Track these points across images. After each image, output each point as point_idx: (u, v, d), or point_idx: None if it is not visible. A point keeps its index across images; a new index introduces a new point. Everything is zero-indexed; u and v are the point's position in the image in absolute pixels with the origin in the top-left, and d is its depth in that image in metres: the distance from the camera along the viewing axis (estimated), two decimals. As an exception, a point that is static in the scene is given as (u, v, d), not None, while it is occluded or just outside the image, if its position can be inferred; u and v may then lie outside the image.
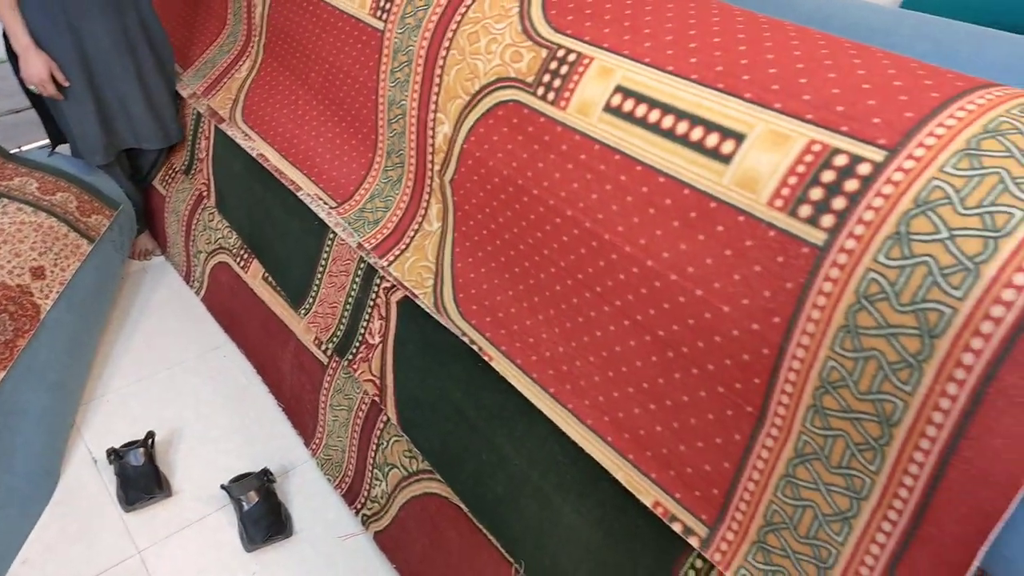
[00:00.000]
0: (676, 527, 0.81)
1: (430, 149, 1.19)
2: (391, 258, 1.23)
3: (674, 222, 0.80)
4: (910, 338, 0.60)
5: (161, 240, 2.11)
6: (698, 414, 0.80)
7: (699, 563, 0.82)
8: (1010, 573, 0.59)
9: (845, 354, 0.65)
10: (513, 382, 0.99)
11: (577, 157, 0.91)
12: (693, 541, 0.79)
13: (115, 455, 1.41)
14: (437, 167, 1.17)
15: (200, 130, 1.87)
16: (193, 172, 1.91)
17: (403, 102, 1.23)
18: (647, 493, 0.84)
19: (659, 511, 0.83)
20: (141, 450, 1.40)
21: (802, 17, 1.00)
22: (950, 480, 0.60)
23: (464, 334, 1.07)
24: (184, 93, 1.87)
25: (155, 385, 1.67)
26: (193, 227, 1.93)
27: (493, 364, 1.02)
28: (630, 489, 0.85)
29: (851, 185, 0.66)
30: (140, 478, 1.39)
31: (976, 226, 0.57)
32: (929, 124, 0.65)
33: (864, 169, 0.66)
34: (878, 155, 0.65)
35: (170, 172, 2.04)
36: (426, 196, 1.23)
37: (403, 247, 1.23)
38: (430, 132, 1.18)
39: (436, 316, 1.11)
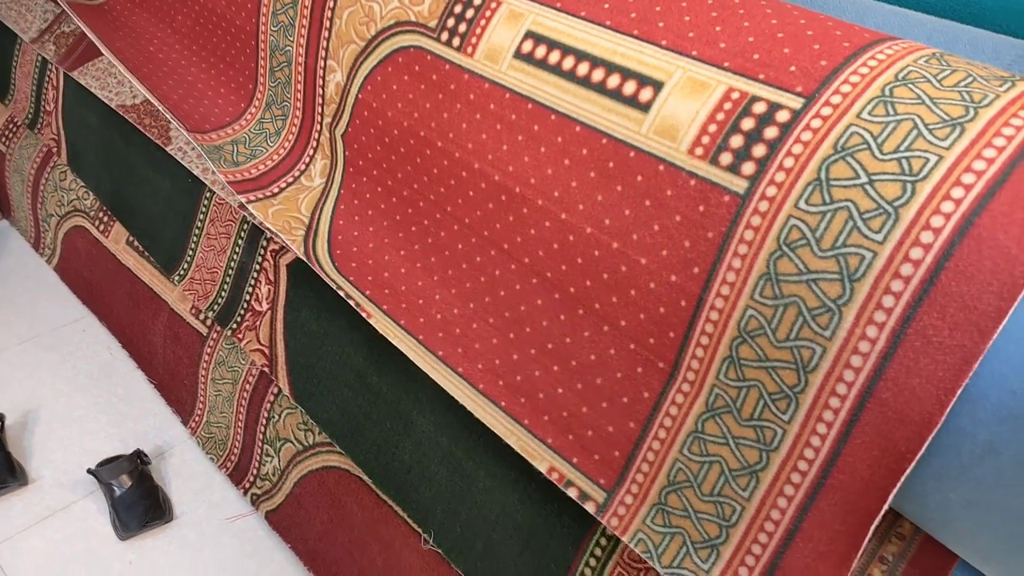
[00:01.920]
0: (571, 492, 0.79)
1: (319, 101, 1.10)
2: (251, 199, 1.11)
3: (591, 173, 0.77)
4: (831, 283, 0.60)
5: (3, 203, 1.88)
6: (605, 373, 0.79)
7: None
8: (919, 508, 0.62)
9: (765, 302, 0.65)
10: (396, 343, 0.93)
11: (486, 106, 0.87)
12: (589, 507, 0.77)
13: (-44, 443, 1.24)
14: (328, 120, 1.09)
15: (46, 79, 1.66)
16: (40, 126, 1.70)
17: (288, 48, 1.13)
18: (541, 458, 0.81)
19: (554, 477, 0.80)
20: (-11, 436, 1.24)
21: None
22: (864, 424, 0.61)
23: (340, 288, 1.00)
24: (25, 37, 1.66)
25: (2, 364, 1.49)
26: (41, 188, 1.73)
27: (372, 322, 0.95)
28: (523, 455, 0.82)
29: (771, 132, 0.65)
30: (-12, 468, 1.23)
31: (894, 170, 0.58)
32: (844, 72, 0.65)
33: (783, 116, 0.65)
34: (796, 102, 0.65)
35: (11, 127, 1.81)
36: (310, 151, 1.14)
37: (268, 194, 1.12)
38: (320, 82, 1.09)
39: (308, 263, 1.03)
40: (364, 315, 0.96)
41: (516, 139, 0.84)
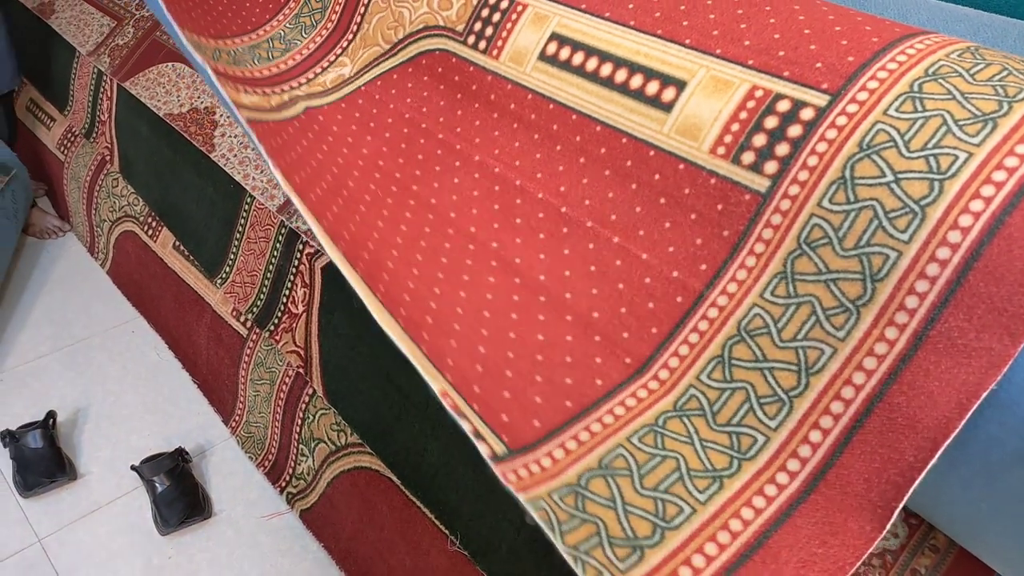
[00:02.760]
0: (464, 425, 0.58)
1: (303, 80, 1.10)
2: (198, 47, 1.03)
3: (605, 171, 0.77)
4: (851, 283, 0.58)
5: (62, 210, 1.96)
6: (551, 353, 0.70)
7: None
8: (949, 519, 0.59)
9: (776, 301, 0.62)
10: (306, 217, 0.71)
11: (506, 106, 0.87)
12: (482, 448, 0.58)
13: (11, 437, 1.30)
14: (298, 93, 1.08)
15: (101, 90, 1.73)
16: (95, 135, 1.77)
17: (296, 41, 1.15)
18: (436, 379, 0.61)
19: (447, 403, 0.59)
20: (40, 431, 1.29)
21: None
22: (868, 431, 0.57)
23: (266, 158, 0.79)
24: (83, 50, 1.73)
25: (56, 363, 1.55)
26: (95, 194, 1.80)
27: (286, 190, 0.74)
28: (416, 366, 0.61)
29: (794, 131, 0.64)
30: (40, 461, 1.28)
31: (921, 168, 0.56)
32: (871, 68, 0.63)
33: (807, 114, 0.64)
34: (821, 99, 0.64)
35: (69, 136, 1.89)
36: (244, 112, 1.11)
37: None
38: (317, 69, 1.10)
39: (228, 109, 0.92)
40: (280, 177, 0.75)
41: (532, 137, 0.84)
